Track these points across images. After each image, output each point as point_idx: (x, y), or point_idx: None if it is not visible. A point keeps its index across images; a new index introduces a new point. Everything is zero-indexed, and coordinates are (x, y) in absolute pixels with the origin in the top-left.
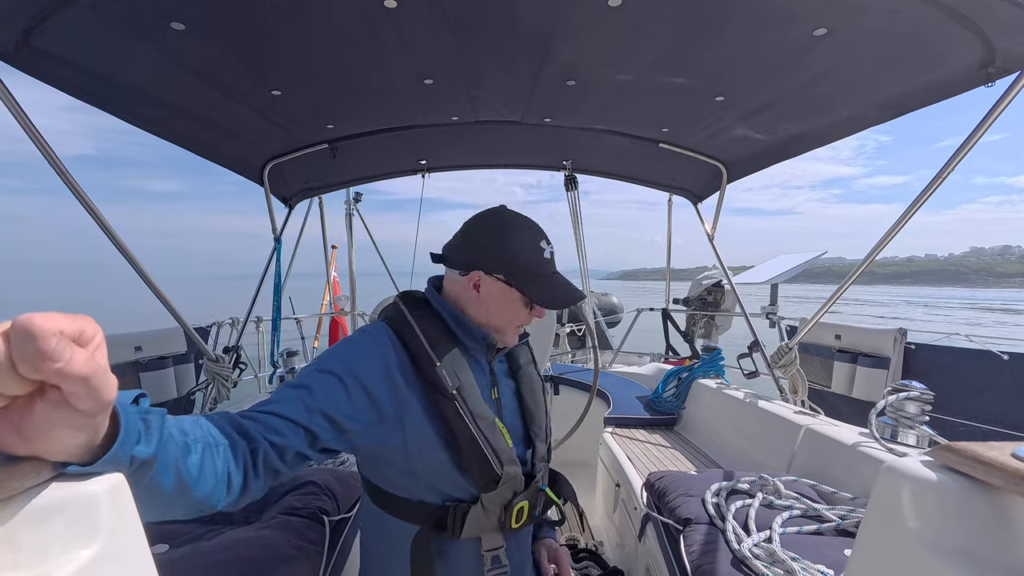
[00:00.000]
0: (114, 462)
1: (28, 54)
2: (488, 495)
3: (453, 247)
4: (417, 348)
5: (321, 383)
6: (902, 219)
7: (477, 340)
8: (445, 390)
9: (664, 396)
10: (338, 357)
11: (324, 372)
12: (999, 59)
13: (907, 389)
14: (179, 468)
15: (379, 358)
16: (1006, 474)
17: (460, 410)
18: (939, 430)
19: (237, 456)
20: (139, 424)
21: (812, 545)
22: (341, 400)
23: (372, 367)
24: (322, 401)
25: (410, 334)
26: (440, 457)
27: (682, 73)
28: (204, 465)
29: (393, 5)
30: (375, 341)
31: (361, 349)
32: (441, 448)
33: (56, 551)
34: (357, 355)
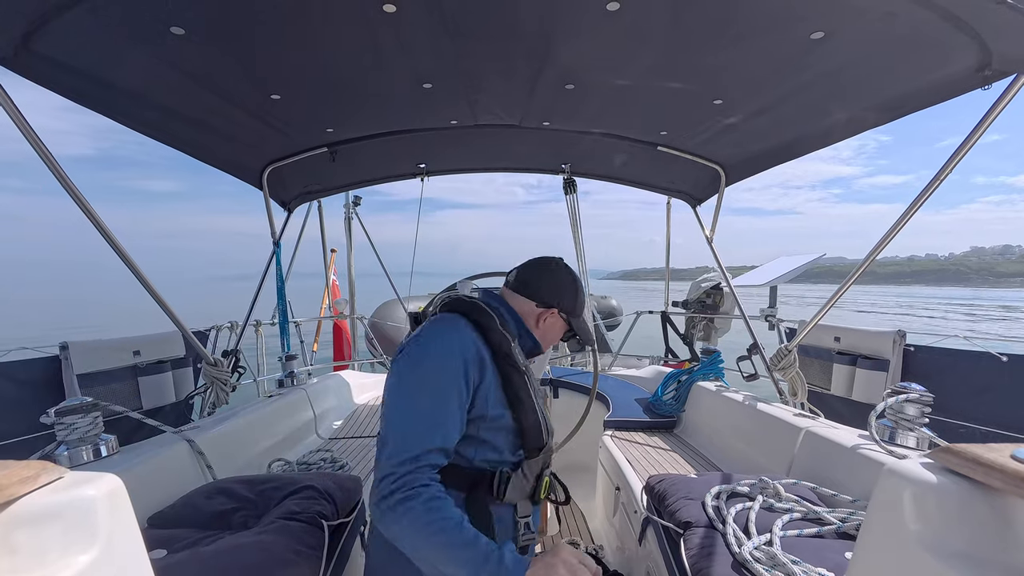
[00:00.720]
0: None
1: (27, 59)
2: (529, 461)
3: (532, 283)
4: (495, 332)
5: (454, 390)
6: (901, 220)
7: (524, 344)
8: (518, 364)
9: (664, 399)
10: (444, 354)
11: (449, 376)
12: (996, 62)
13: (906, 391)
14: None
15: (469, 344)
16: (1006, 476)
17: (528, 383)
18: (939, 432)
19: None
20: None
21: (813, 548)
22: (464, 395)
23: (467, 354)
24: (464, 399)
25: (489, 320)
26: (505, 421)
27: (680, 77)
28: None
29: (392, 10)
30: (460, 331)
31: (457, 340)
32: (507, 413)
33: (54, 555)
34: (456, 347)
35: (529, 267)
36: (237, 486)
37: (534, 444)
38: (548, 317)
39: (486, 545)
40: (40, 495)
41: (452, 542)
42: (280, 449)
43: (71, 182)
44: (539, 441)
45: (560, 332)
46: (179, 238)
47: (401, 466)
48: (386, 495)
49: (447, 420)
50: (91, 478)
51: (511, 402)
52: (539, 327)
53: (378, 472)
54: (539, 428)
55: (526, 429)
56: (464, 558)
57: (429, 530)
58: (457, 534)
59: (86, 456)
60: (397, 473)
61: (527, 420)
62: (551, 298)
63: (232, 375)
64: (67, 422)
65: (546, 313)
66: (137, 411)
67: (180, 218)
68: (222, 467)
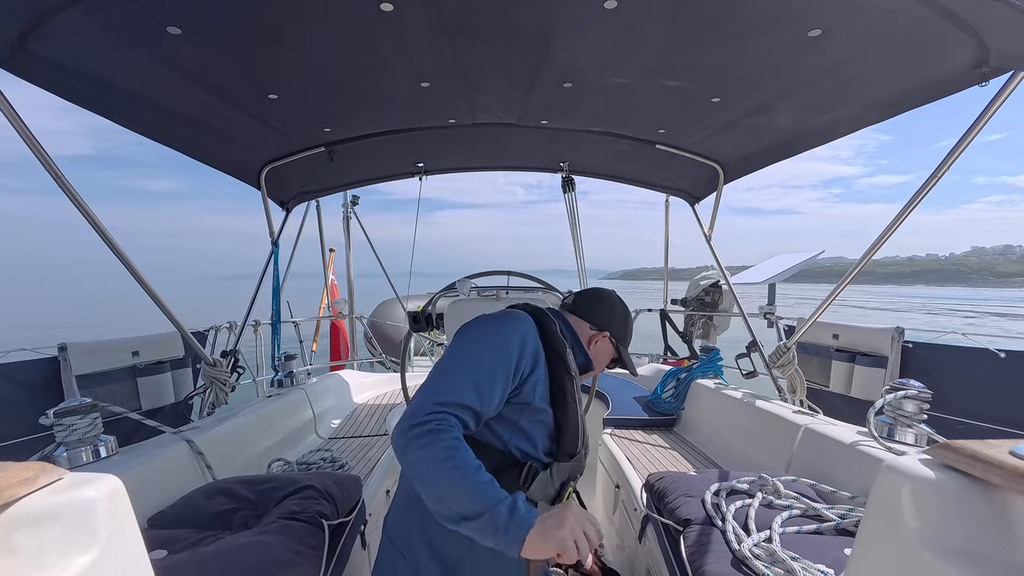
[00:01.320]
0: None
1: (24, 59)
2: (559, 465)
3: (589, 308)
4: (553, 334)
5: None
6: (899, 217)
7: (577, 359)
8: (569, 368)
9: (663, 397)
10: (507, 333)
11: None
12: (993, 58)
13: (905, 388)
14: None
15: (530, 330)
16: (1005, 472)
17: (575, 387)
18: (937, 428)
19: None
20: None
21: (812, 544)
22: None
23: (527, 343)
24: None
25: (550, 323)
26: (546, 417)
27: (678, 75)
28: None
29: (389, 8)
30: (524, 321)
31: (521, 327)
32: (550, 411)
33: (54, 557)
34: (518, 333)
35: (587, 294)
36: (237, 486)
37: (569, 448)
38: (599, 340)
39: (500, 490)
40: (39, 496)
41: (468, 479)
42: (280, 449)
43: (67, 182)
44: (574, 446)
45: (608, 356)
46: (179, 237)
47: (438, 405)
48: (416, 424)
49: (491, 390)
50: (91, 479)
51: (555, 400)
52: (591, 348)
53: (413, 403)
54: (577, 433)
55: (564, 430)
56: (478, 495)
57: (449, 464)
58: (474, 474)
59: (85, 457)
60: (432, 409)
61: (567, 421)
62: (605, 323)
63: (231, 375)
64: (66, 423)
65: (598, 336)
66: (136, 412)
67: (180, 217)
68: (222, 467)
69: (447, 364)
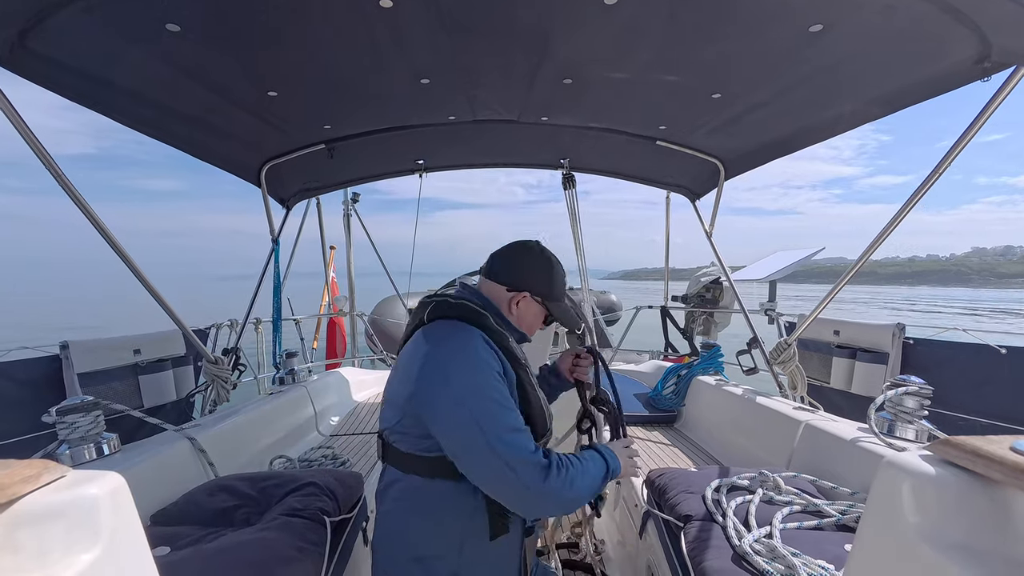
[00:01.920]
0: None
1: (23, 57)
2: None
3: (504, 269)
4: (494, 332)
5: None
6: (900, 214)
7: (512, 335)
8: (519, 360)
9: (664, 393)
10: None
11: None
12: (995, 54)
13: (906, 384)
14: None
15: (482, 343)
16: (1005, 468)
17: (529, 374)
18: (938, 424)
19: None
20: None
21: (813, 540)
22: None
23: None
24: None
25: (487, 323)
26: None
27: (679, 71)
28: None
29: (389, 5)
30: (476, 340)
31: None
32: (518, 406)
33: (57, 554)
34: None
35: (501, 251)
36: (239, 483)
37: (540, 431)
38: (520, 301)
39: (599, 458)
40: (42, 494)
41: (593, 478)
42: (281, 446)
43: (68, 181)
44: (544, 426)
45: (538, 317)
46: (180, 236)
47: (535, 455)
48: (547, 475)
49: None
50: (93, 477)
51: (520, 396)
52: (512, 312)
53: (522, 470)
54: (543, 415)
55: (533, 418)
56: (599, 478)
57: (581, 482)
58: (590, 469)
59: (88, 455)
60: (539, 462)
61: (532, 409)
62: (521, 282)
63: (233, 373)
64: (68, 421)
65: (518, 297)
66: (138, 409)
67: (181, 216)
68: (224, 465)
69: (493, 427)
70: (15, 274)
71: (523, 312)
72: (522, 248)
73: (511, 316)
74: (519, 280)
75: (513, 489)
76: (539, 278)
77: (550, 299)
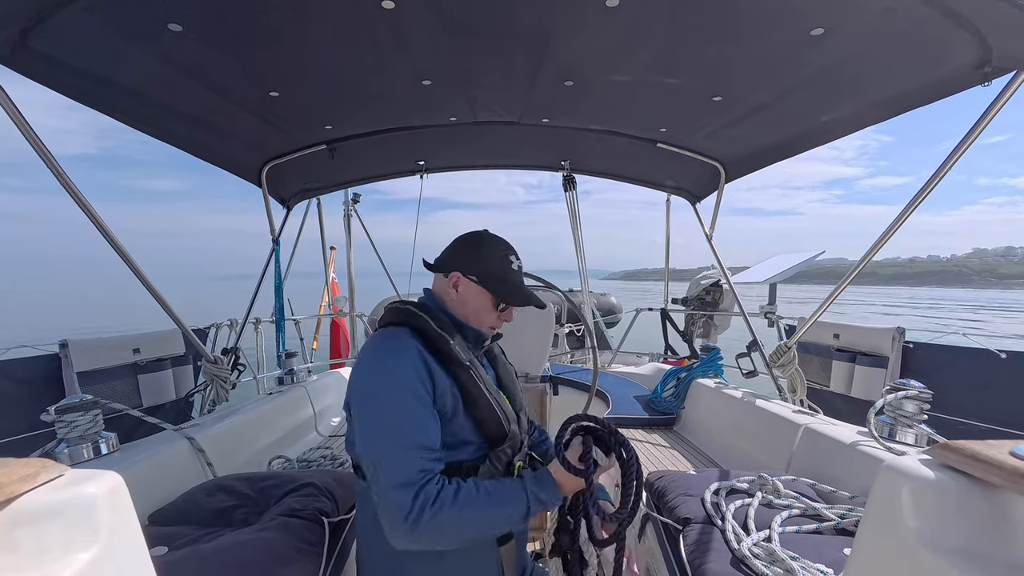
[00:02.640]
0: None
1: (25, 56)
2: (495, 451)
3: (440, 257)
4: (434, 336)
5: (417, 400)
6: (901, 217)
7: (467, 335)
8: (461, 362)
9: (663, 396)
10: (397, 372)
11: (408, 384)
12: (996, 58)
13: (905, 388)
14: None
15: (414, 354)
16: (1004, 472)
17: (475, 377)
18: (937, 429)
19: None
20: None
21: (811, 544)
22: (428, 396)
23: (416, 364)
24: (429, 403)
25: (426, 326)
26: (462, 420)
27: (680, 73)
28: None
29: (391, 6)
30: (401, 345)
31: (401, 356)
32: (463, 412)
33: (55, 553)
34: (403, 362)
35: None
36: (237, 483)
37: (495, 434)
38: (458, 285)
39: (514, 488)
40: (41, 493)
41: (488, 512)
42: (280, 446)
43: (70, 180)
44: (499, 431)
45: (482, 301)
46: (181, 237)
47: (408, 491)
48: (415, 519)
49: (427, 434)
50: (92, 476)
51: (464, 399)
52: (455, 299)
53: (386, 500)
54: (495, 419)
55: (482, 421)
56: (507, 510)
57: (465, 514)
58: (487, 501)
59: (86, 454)
60: (409, 498)
61: (481, 412)
62: (452, 262)
63: (232, 373)
64: (67, 420)
65: (452, 279)
66: (137, 409)
67: (182, 217)
68: (222, 464)
69: (381, 441)
70: (16, 272)
71: (464, 297)
72: (460, 235)
73: (455, 304)
74: (449, 263)
75: (382, 515)
76: (468, 254)
77: (485, 277)
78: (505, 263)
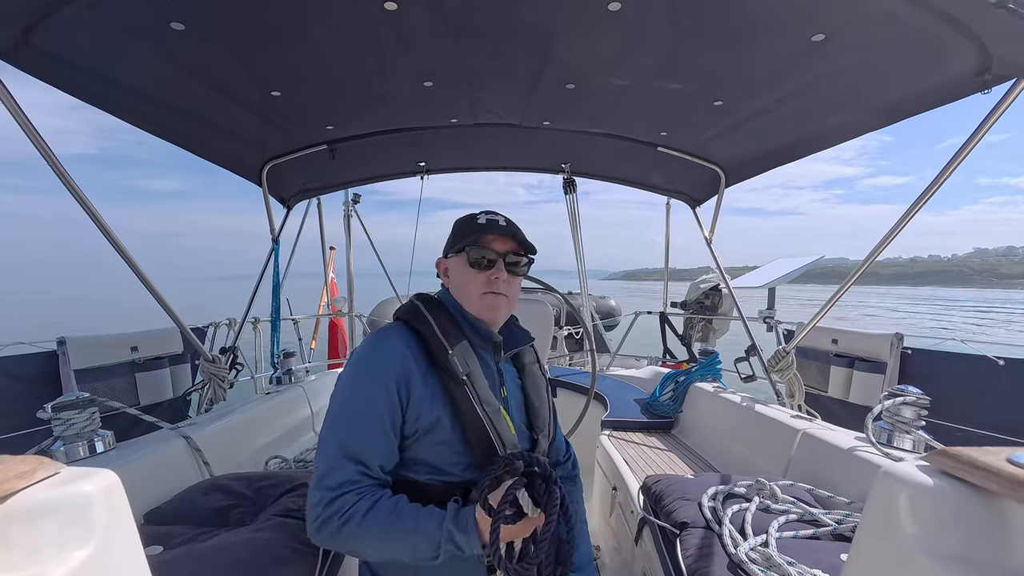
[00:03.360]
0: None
1: (27, 52)
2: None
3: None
4: (432, 339)
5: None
6: (902, 221)
7: (483, 337)
8: (456, 376)
9: (661, 399)
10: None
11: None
12: (996, 66)
13: (904, 394)
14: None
15: (395, 361)
16: (1002, 479)
17: (469, 394)
18: (935, 435)
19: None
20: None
21: (808, 549)
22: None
23: (393, 372)
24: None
25: (425, 327)
26: (446, 437)
27: (681, 78)
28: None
29: (393, 7)
30: (386, 349)
31: (381, 360)
32: (451, 430)
33: (50, 551)
34: (379, 368)
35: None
36: (234, 483)
37: (484, 457)
38: (447, 270)
39: (428, 520)
40: (36, 490)
41: (400, 534)
42: (277, 446)
43: (71, 179)
44: (488, 452)
45: (461, 270)
46: (182, 236)
47: (327, 492)
48: (318, 525)
49: (372, 445)
50: (87, 474)
51: (453, 414)
52: (451, 288)
53: (310, 498)
54: (487, 441)
55: (470, 442)
56: (420, 537)
57: (367, 540)
58: (401, 524)
59: (82, 452)
60: (323, 503)
61: (469, 431)
62: (446, 248)
63: (230, 372)
64: (64, 417)
65: (442, 267)
66: (134, 407)
67: (184, 217)
68: (219, 464)
69: (324, 441)
70: (18, 272)
71: (453, 279)
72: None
73: (455, 293)
74: (446, 248)
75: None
76: (451, 237)
77: (455, 245)
78: (471, 221)
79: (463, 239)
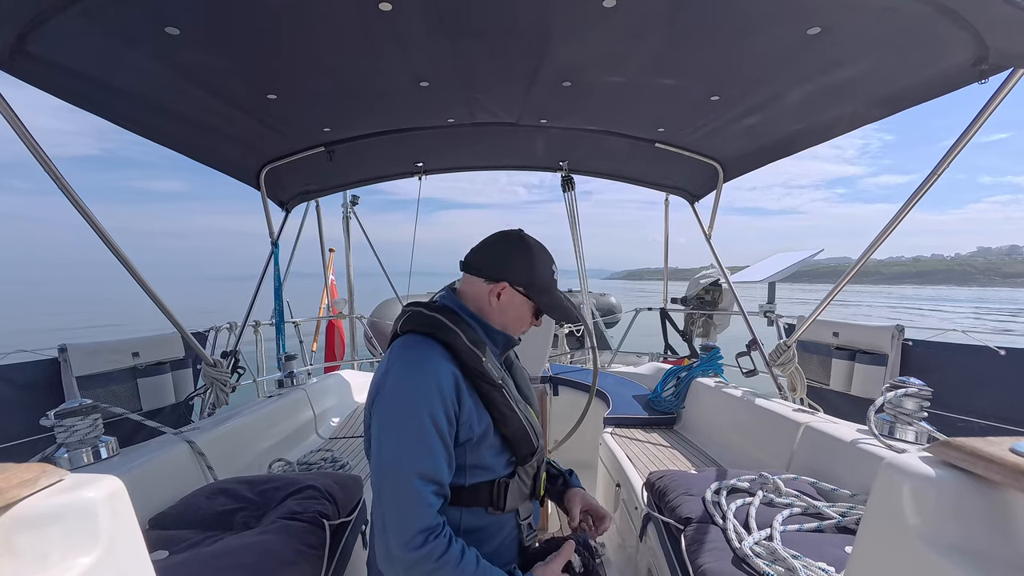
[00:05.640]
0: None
1: (23, 60)
2: (523, 467)
3: (481, 259)
4: (464, 350)
5: (437, 426)
6: (898, 216)
7: (497, 341)
8: (494, 381)
9: (663, 396)
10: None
11: (433, 415)
12: (992, 56)
13: (905, 386)
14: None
15: (444, 375)
16: (1005, 469)
17: (507, 396)
18: (937, 426)
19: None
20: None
21: (813, 542)
22: (450, 428)
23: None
24: (447, 437)
25: (455, 338)
26: (490, 440)
27: (677, 73)
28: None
29: (388, 8)
30: (432, 365)
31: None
32: (493, 432)
33: (56, 558)
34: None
35: (480, 242)
36: (238, 486)
37: (525, 451)
38: (502, 294)
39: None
40: (40, 498)
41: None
42: (280, 449)
43: (66, 182)
44: (529, 447)
45: (524, 311)
46: (183, 238)
47: (417, 538)
48: (413, 561)
49: (439, 468)
50: (91, 480)
51: (494, 419)
52: (494, 307)
53: (395, 530)
54: (526, 436)
55: (512, 440)
56: None
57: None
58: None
59: (86, 458)
60: (418, 535)
61: (511, 431)
62: (500, 271)
63: (231, 376)
64: (67, 424)
65: (497, 288)
66: (137, 413)
67: (184, 218)
68: (223, 468)
69: (392, 480)
70: (19, 273)
71: (505, 306)
72: (501, 236)
73: (492, 311)
74: (497, 270)
75: (382, 537)
76: (519, 265)
77: (533, 288)
78: (550, 274)
79: (545, 299)
